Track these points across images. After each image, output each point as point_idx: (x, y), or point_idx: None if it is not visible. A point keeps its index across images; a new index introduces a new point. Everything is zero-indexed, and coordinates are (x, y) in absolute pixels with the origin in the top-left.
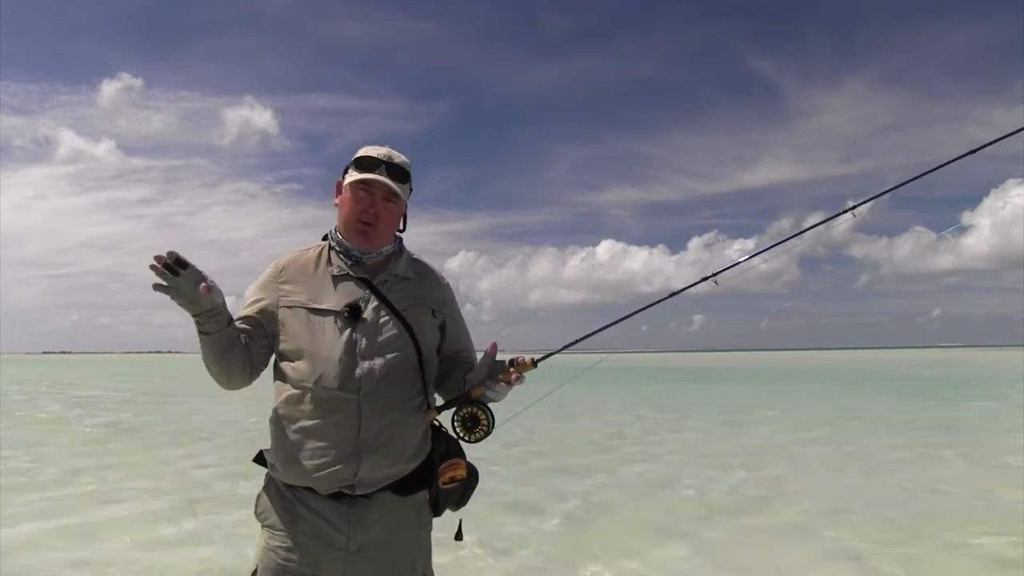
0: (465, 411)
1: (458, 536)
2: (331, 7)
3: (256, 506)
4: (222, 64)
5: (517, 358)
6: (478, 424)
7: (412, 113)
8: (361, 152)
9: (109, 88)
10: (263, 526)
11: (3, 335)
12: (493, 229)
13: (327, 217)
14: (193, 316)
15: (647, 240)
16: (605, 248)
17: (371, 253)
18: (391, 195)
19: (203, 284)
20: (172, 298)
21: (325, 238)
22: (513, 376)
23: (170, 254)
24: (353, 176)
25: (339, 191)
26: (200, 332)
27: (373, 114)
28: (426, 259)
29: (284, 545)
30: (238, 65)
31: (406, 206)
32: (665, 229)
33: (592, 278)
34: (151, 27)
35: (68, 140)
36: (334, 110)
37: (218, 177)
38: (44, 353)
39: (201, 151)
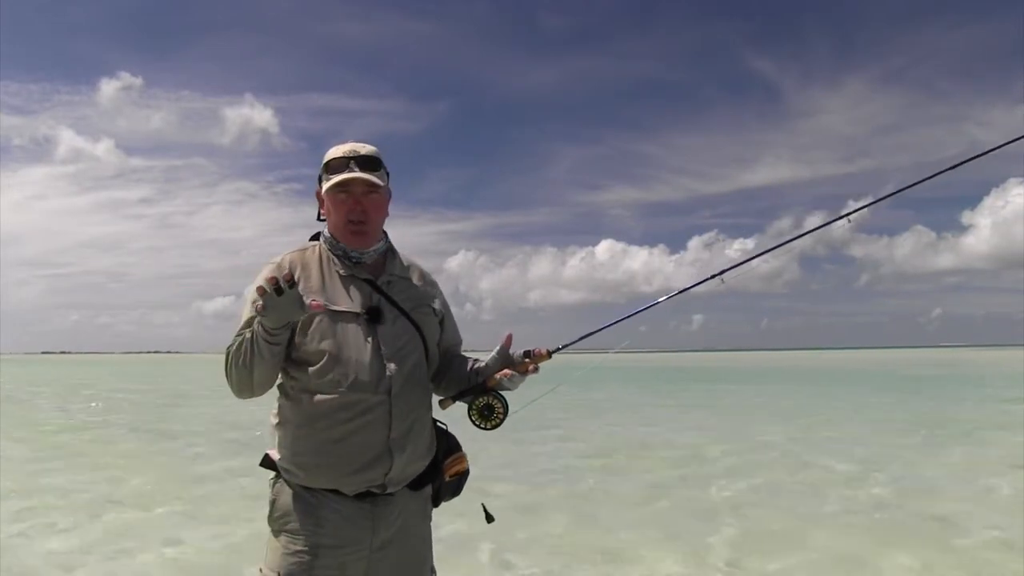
0: (481, 400)
1: (489, 519)
2: (331, 7)
3: (271, 512)
4: (222, 64)
5: (533, 349)
6: (494, 413)
7: (412, 113)
8: (328, 156)
9: (109, 87)
10: (281, 532)
11: (3, 335)
12: (493, 229)
13: None
14: (272, 328)
15: (647, 240)
16: (605, 248)
17: (369, 251)
18: (371, 187)
19: (312, 301)
20: (264, 315)
21: (313, 238)
22: (530, 367)
23: (287, 276)
24: (329, 182)
25: (321, 201)
26: (270, 343)
27: (373, 114)
28: (413, 256)
29: (307, 549)
30: (238, 65)
31: (389, 193)
32: (665, 229)
33: (592, 278)
34: (151, 27)
35: (68, 139)
36: (334, 110)
37: (218, 177)
38: (44, 353)
39: (202, 151)
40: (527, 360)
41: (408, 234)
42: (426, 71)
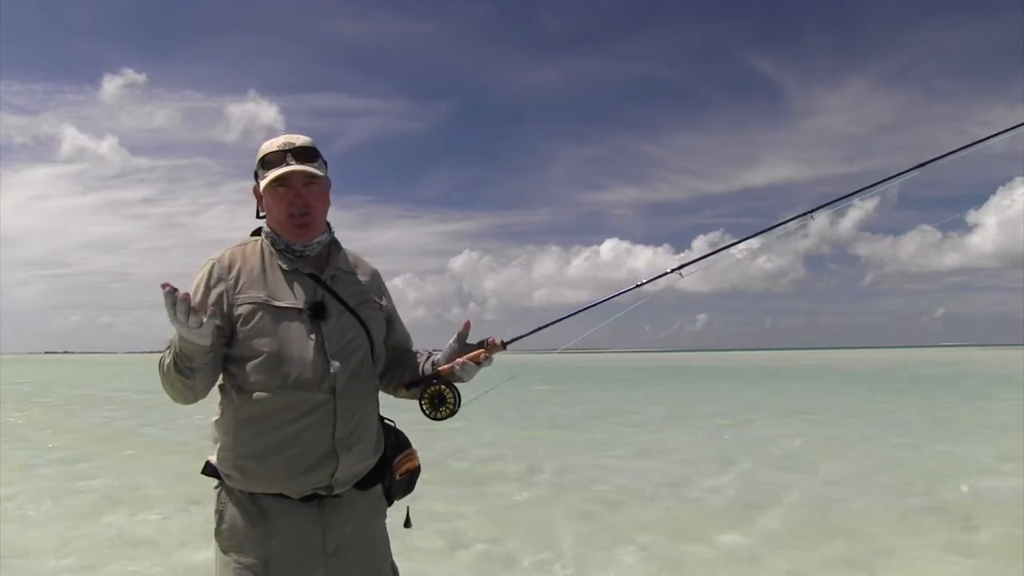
0: (433, 389)
1: (407, 524)
2: (332, 7)
3: (218, 525)
4: (224, 63)
5: (488, 339)
6: (444, 403)
7: (414, 113)
8: (262, 151)
9: (112, 84)
10: (229, 547)
11: (5, 335)
12: (496, 229)
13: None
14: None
15: (651, 239)
16: (609, 247)
17: (313, 243)
18: (310, 179)
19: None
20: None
21: (255, 234)
22: (482, 356)
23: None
24: (266, 179)
25: (259, 198)
26: (187, 355)
27: (375, 113)
28: (358, 253)
29: (260, 562)
30: (240, 65)
31: (329, 183)
32: (668, 228)
33: (596, 277)
34: (152, 26)
35: (71, 137)
36: (336, 110)
37: (222, 176)
38: (46, 353)
39: (205, 150)
40: (481, 350)
41: (411, 234)
42: (427, 71)
